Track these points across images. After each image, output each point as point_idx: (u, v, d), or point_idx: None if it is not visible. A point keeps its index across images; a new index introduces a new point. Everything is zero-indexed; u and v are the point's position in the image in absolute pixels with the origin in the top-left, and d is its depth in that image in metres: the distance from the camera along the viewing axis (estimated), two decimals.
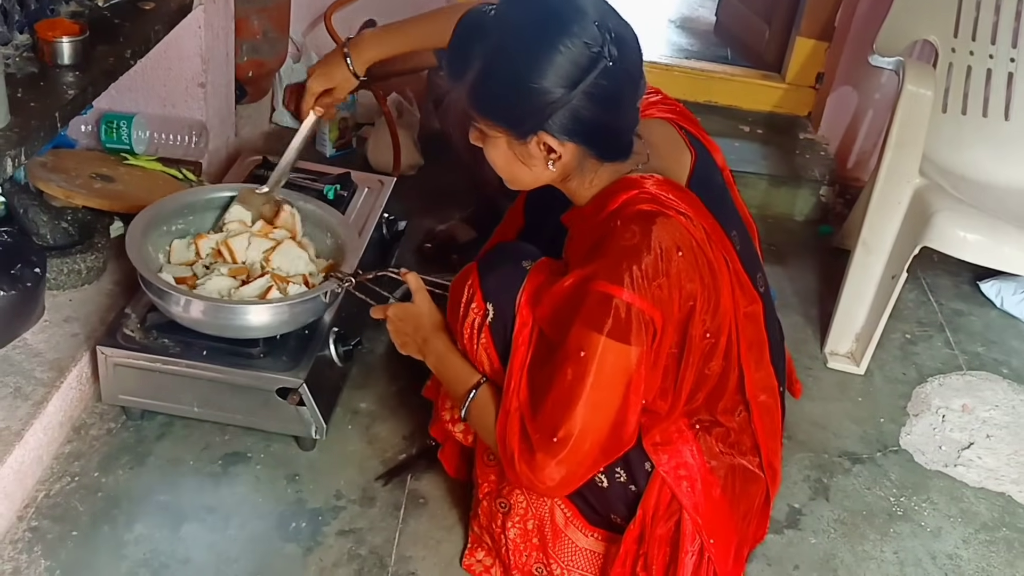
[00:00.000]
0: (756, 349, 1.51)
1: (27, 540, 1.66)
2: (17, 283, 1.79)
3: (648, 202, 1.35)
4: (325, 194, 2.16)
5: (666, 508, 1.49)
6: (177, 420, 1.92)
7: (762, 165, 3.07)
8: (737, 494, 1.52)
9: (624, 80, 1.31)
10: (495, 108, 1.34)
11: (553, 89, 1.27)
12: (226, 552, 1.69)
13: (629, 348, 1.32)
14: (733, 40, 3.84)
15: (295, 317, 1.79)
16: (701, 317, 1.38)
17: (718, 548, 1.51)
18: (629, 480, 1.50)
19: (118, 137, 2.33)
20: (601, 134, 1.35)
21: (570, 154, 1.36)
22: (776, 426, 1.59)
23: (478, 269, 1.50)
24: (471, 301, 1.48)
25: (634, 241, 1.31)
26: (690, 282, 1.34)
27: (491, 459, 1.61)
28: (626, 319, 1.31)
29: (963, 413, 2.27)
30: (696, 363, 1.42)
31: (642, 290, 1.30)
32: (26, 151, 1.54)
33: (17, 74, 1.71)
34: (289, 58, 2.91)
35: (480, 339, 1.48)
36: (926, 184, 2.22)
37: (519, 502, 1.59)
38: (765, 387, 1.54)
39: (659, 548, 1.51)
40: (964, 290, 2.75)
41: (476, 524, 1.69)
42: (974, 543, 1.93)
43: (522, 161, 1.38)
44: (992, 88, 2.57)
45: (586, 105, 1.28)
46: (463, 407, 1.51)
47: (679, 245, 1.33)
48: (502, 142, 1.37)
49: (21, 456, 1.68)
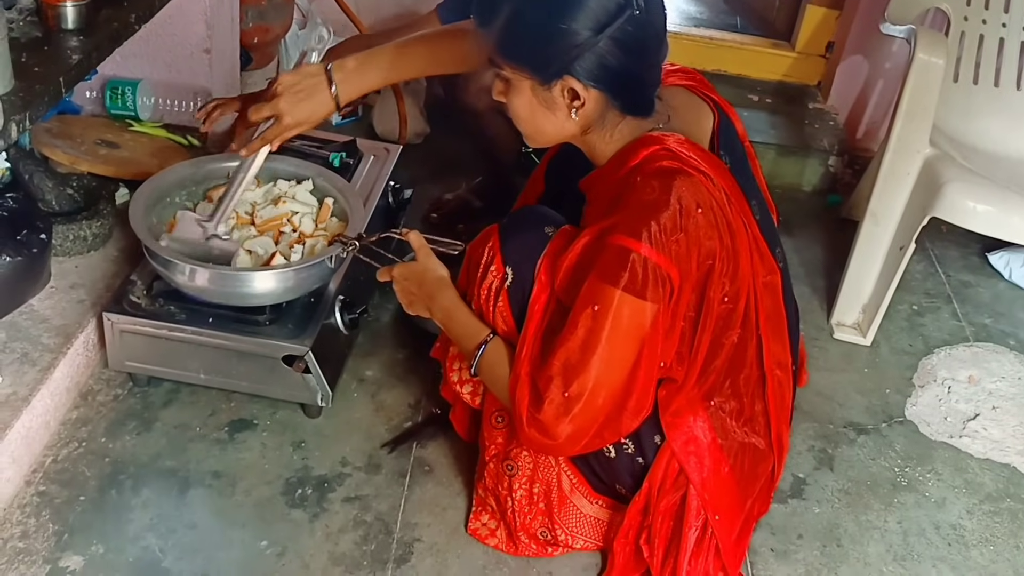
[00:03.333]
0: (775, 320, 1.50)
1: (35, 504, 1.67)
2: (23, 249, 1.79)
3: (669, 159, 1.36)
4: (331, 161, 2.15)
5: (673, 482, 1.50)
6: (183, 387, 1.92)
7: (771, 135, 3.05)
8: (746, 472, 1.52)
9: (650, 32, 1.33)
10: (522, 51, 1.35)
11: (581, 31, 1.28)
12: (232, 517, 1.70)
13: (645, 304, 1.32)
14: (743, 8, 3.80)
15: (300, 283, 1.78)
16: (720, 280, 1.37)
17: (722, 525, 1.51)
18: (637, 452, 1.50)
19: (123, 103, 2.33)
20: (625, 83, 1.35)
21: (593, 102, 1.36)
22: (786, 403, 1.59)
23: (500, 232, 1.49)
24: (490, 263, 1.48)
25: (653, 196, 1.32)
26: (709, 240, 1.34)
27: (499, 422, 1.61)
28: (643, 274, 1.30)
29: (969, 384, 2.26)
30: (712, 328, 1.41)
31: (660, 245, 1.30)
32: (31, 116, 1.53)
33: (21, 38, 1.70)
34: (295, 24, 2.89)
35: (497, 302, 1.48)
36: (936, 154, 2.20)
37: (526, 464, 1.59)
38: (780, 362, 1.54)
39: (663, 521, 1.52)
40: (972, 261, 2.74)
41: (481, 487, 1.69)
42: (978, 514, 1.93)
43: (546, 108, 1.38)
44: (1004, 58, 2.54)
45: (612, 50, 1.29)
46: (473, 362, 1.50)
47: (699, 202, 1.33)
48: (526, 88, 1.37)
49: (29, 421, 1.69)
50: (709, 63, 3.33)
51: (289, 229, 1.85)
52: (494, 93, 1.43)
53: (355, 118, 2.94)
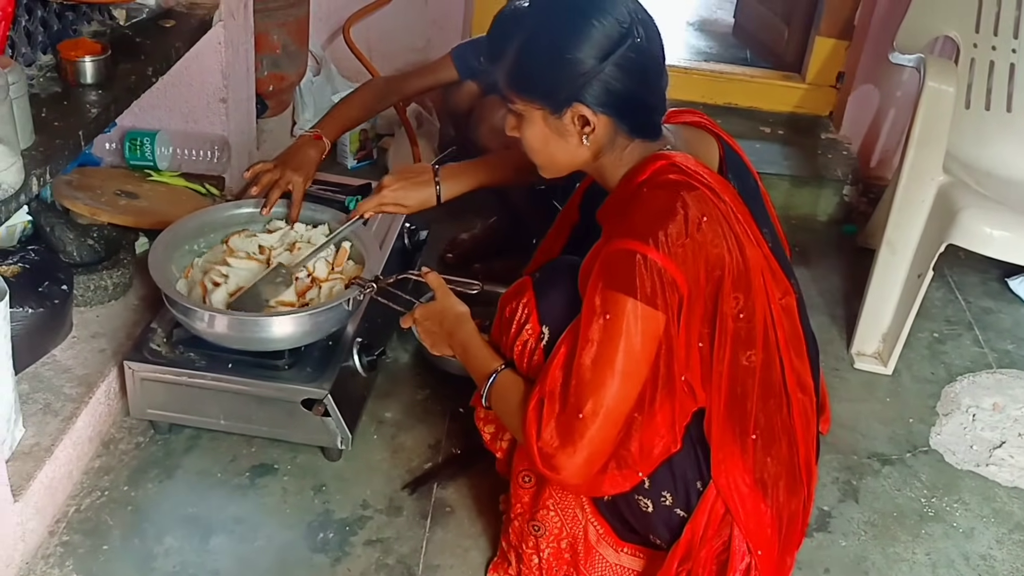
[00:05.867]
0: (795, 343, 1.49)
1: (59, 555, 1.67)
2: (45, 300, 1.81)
3: (676, 173, 1.39)
4: (347, 205, 2.16)
5: (716, 528, 1.46)
6: (204, 433, 1.93)
7: (784, 166, 3.05)
8: (781, 504, 1.50)
9: (650, 58, 1.39)
10: (532, 83, 1.41)
11: (587, 60, 1.35)
12: (255, 563, 1.69)
13: (656, 313, 1.32)
14: (752, 41, 3.82)
15: (318, 327, 1.80)
16: (732, 292, 1.37)
17: (764, 560, 1.49)
18: (676, 503, 1.47)
19: (142, 154, 2.36)
20: (631, 107, 1.40)
21: (603, 127, 1.40)
22: (812, 429, 1.57)
23: (534, 287, 1.50)
24: (525, 322, 1.48)
25: (659, 205, 1.35)
26: (715, 248, 1.35)
27: (526, 481, 1.60)
28: (651, 279, 1.31)
29: (994, 412, 2.24)
30: (730, 345, 1.39)
31: (667, 249, 1.31)
32: (51, 170, 1.56)
33: (41, 94, 1.74)
34: (309, 71, 2.93)
35: (532, 359, 1.48)
36: (950, 181, 2.20)
37: (553, 523, 1.58)
38: (803, 384, 1.52)
39: (705, 567, 1.49)
40: (992, 287, 2.72)
41: (505, 540, 1.69)
42: (1008, 543, 1.90)
43: (559, 136, 1.43)
44: (1016, 83, 2.54)
45: (617, 76, 1.35)
46: (484, 392, 1.50)
47: (704, 212, 1.35)
48: (538, 119, 1.42)
49: (52, 472, 1.70)
50: (720, 97, 3.35)
51: (304, 274, 1.86)
52: (507, 129, 1.48)
53: (370, 161, 2.97)
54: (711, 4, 4.37)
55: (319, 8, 2.96)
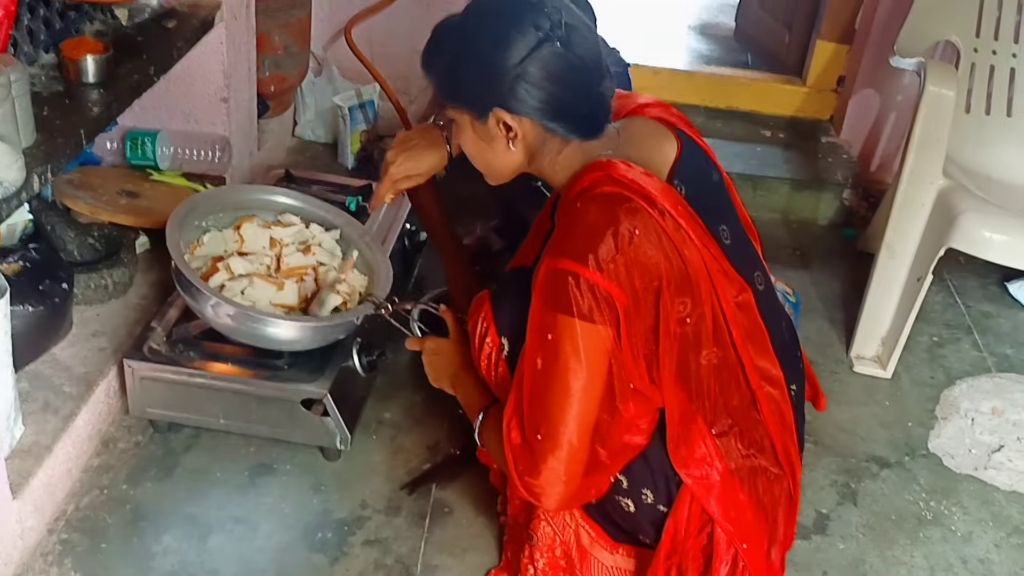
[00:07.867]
0: (757, 339, 1.49)
1: (58, 553, 1.67)
2: (45, 299, 1.81)
3: (610, 184, 1.38)
4: (347, 205, 2.17)
5: (698, 522, 1.48)
6: (204, 432, 1.93)
7: (784, 169, 3.06)
8: (761, 495, 1.51)
9: (575, 63, 1.38)
10: (457, 90, 1.43)
11: (504, 65, 1.36)
12: (253, 563, 1.70)
13: (597, 327, 1.33)
14: (753, 45, 3.83)
15: (325, 336, 1.81)
16: (675, 299, 1.37)
17: (751, 552, 1.49)
18: (657, 500, 1.49)
19: (143, 153, 2.36)
20: (557, 111, 1.40)
21: (529, 131, 1.41)
22: (787, 421, 1.57)
23: (491, 300, 1.51)
24: (485, 335, 1.49)
25: (592, 220, 1.35)
26: (649, 258, 1.35)
27: None
28: (586, 298, 1.32)
29: (993, 416, 2.24)
30: (677, 349, 1.40)
31: (597, 267, 1.32)
32: (52, 168, 1.56)
33: (43, 93, 1.74)
34: (310, 72, 2.93)
35: (497, 371, 1.49)
36: (950, 185, 2.20)
37: (545, 533, 1.59)
38: (769, 378, 1.53)
39: (692, 560, 1.50)
40: (992, 291, 2.72)
41: (508, 549, 1.71)
42: (1006, 547, 1.90)
43: (487, 142, 1.45)
44: (1016, 87, 2.54)
45: (536, 81, 1.36)
46: (475, 430, 1.52)
47: (636, 225, 1.35)
48: (468, 125, 1.45)
49: (51, 470, 1.70)
50: (722, 100, 3.35)
51: (311, 278, 1.86)
52: (454, 138, 1.52)
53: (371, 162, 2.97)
54: (712, 8, 4.36)
55: (321, 9, 2.96)
